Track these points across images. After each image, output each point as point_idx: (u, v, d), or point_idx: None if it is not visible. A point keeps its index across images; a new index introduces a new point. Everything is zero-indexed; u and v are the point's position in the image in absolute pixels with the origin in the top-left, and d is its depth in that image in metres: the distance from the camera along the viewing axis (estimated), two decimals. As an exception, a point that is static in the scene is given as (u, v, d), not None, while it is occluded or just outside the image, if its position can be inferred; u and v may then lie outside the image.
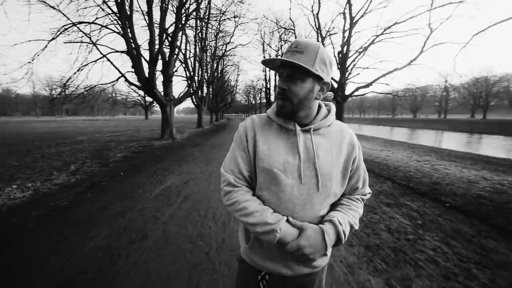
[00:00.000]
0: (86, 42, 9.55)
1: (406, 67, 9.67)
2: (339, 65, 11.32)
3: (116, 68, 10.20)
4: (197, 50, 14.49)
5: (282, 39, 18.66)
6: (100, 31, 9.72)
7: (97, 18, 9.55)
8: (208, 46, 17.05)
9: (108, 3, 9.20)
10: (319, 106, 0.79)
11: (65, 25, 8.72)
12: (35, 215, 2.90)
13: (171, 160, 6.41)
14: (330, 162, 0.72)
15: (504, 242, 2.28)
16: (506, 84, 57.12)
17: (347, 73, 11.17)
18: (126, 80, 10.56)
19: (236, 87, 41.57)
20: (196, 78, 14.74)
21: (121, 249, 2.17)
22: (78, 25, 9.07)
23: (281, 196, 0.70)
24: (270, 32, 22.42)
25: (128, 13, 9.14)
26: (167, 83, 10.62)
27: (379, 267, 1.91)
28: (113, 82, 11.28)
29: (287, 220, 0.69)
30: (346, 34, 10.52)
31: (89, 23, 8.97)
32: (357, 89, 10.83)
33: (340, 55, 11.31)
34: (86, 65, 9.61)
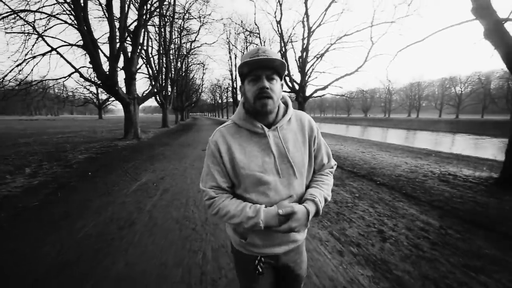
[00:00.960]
0: (29, 33, 8.55)
1: (355, 73, 11.28)
2: (299, 69, 12.47)
3: (69, 63, 9.38)
4: (161, 48, 14.03)
5: (248, 40, 19.28)
6: (49, 21, 8.81)
7: (43, 6, 8.63)
8: (172, 44, 16.59)
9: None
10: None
11: (2, 14, 7.68)
12: (4, 216, 2.85)
13: (140, 159, 6.39)
14: (299, 152, 0.82)
15: (407, 203, 3.26)
16: (433, 89, 68.95)
17: (307, 77, 12.39)
18: (82, 76, 9.77)
19: (202, 86, 40.74)
20: (161, 76, 14.26)
21: (113, 234, 2.42)
22: (19, 14, 8.09)
23: (268, 193, 0.78)
24: (236, 33, 22.81)
25: (82, 3, 8.49)
26: (130, 80, 10.18)
27: (326, 224, 2.62)
28: (64, 77, 10.29)
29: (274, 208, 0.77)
30: (305, 42, 11.70)
31: (33, 11, 8.05)
32: (315, 91, 12.14)
33: (301, 60, 12.47)
34: (33, 58, 8.61)
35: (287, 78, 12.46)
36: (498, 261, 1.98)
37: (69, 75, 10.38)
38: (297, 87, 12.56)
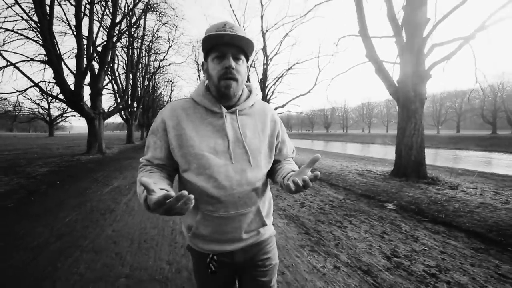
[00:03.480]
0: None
1: (312, 93, 13.29)
2: (261, 89, 14.12)
3: (29, 78, 9.19)
4: (129, 66, 14.37)
5: (200, 69, 20.67)
6: (9, 37, 8.73)
7: (4, 22, 8.59)
8: (140, 63, 16.99)
9: (22, 5, 8.51)
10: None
11: None
12: (-16, 215, 3.16)
13: (108, 170, 6.67)
14: (257, 139, 0.75)
15: (329, 188, 4.50)
16: (380, 108, 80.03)
17: (268, 96, 14.06)
18: (42, 90, 9.61)
19: (170, 102, 40.37)
20: (128, 92, 14.42)
21: (97, 217, 3.02)
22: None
23: (217, 178, 0.68)
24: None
25: (48, 20, 8.71)
26: (97, 96, 10.31)
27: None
28: (20, 92, 9.92)
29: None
30: (265, 67, 13.50)
31: (-4, 27, 8.03)
32: (275, 109, 13.77)
33: (262, 81, 14.17)
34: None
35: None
36: (366, 212, 3.21)
37: (25, 90, 10.05)
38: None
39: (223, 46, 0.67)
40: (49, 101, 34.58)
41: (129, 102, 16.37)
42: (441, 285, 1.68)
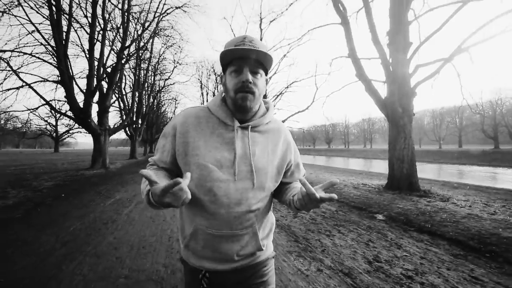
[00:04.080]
0: (3, 70, 9.03)
1: (313, 109, 13.73)
2: (261, 106, 14.74)
3: (41, 97, 9.78)
4: (135, 85, 15.16)
5: (218, 82, 21.64)
6: (26, 60, 9.47)
7: (23, 46, 9.37)
8: (146, 82, 17.87)
9: (42, 32, 9.32)
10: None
11: None
12: (-6, 224, 3.35)
13: (111, 184, 6.89)
14: (266, 158, 0.72)
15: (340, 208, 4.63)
16: (381, 124, 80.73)
17: (268, 112, 14.62)
18: (53, 108, 10.16)
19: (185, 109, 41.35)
20: (133, 110, 15.05)
21: (100, 226, 3.19)
22: (-2, 52, 8.67)
23: (217, 192, 0.66)
24: (208, 75, 25.31)
25: (64, 45, 9.48)
26: (103, 113, 10.83)
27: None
28: (32, 109, 10.51)
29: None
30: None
31: (18, 53, 8.77)
32: (275, 124, 14.23)
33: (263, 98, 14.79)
34: (2, 91, 8.92)
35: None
36: (355, 222, 3.35)
37: (37, 108, 10.65)
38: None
39: (240, 60, 0.67)
40: (57, 118, 35.81)
41: (134, 119, 16.98)
42: (415, 286, 1.81)
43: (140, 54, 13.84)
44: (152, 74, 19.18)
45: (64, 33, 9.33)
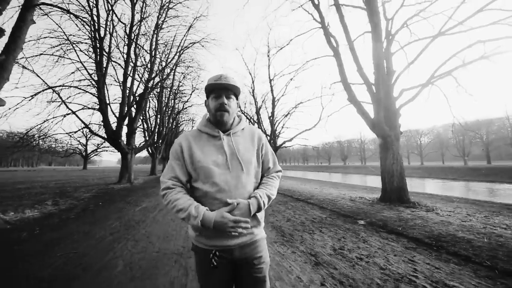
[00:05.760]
0: (53, 101, 11.01)
1: (320, 128, 14.52)
2: (271, 124, 15.73)
3: (82, 122, 11.60)
4: (158, 109, 17.09)
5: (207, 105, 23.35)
6: (73, 92, 11.46)
7: (72, 81, 11.42)
8: (167, 105, 19.91)
9: (88, 69, 11.36)
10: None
11: (45, 89, 10.19)
12: (58, 221, 4.44)
13: (136, 196, 7.99)
14: (248, 152, 1.05)
15: (318, 210, 5.27)
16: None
17: (277, 132, 15.54)
18: (91, 131, 11.93)
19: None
20: (156, 131, 16.80)
21: (133, 224, 4.14)
22: (54, 88, 10.70)
23: (218, 183, 0.96)
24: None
25: (103, 79, 11.42)
26: (131, 134, 12.43)
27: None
28: (73, 132, 12.35)
29: (226, 203, 0.95)
30: (272, 107, 15.39)
31: (68, 86, 10.74)
32: (284, 143, 15.03)
33: (271, 117, 15.84)
34: (54, 118, 10.81)
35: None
36: (338, 225, 3.98)
37: (76, 131, 12.52)
38: (268, 138, 15.47)
39: (219, 90, 1.01)
40: (88, 138, 39.57)
41: (155, 139, 18.74)
42: (360, 263, 2.47)
43: (163, 83, 15.81)
44: (173, 98, 21.30)
45: (104, 68, 11.31)
